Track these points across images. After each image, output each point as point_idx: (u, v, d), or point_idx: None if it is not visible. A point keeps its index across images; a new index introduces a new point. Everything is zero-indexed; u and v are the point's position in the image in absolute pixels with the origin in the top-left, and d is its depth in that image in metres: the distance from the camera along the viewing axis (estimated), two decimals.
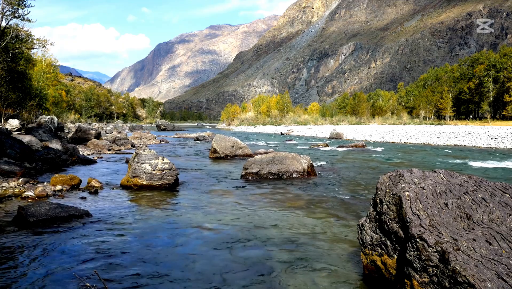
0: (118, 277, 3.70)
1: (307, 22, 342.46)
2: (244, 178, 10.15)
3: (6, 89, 20.40)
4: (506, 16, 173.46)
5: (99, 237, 4.94)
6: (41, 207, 5.70)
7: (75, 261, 4.10)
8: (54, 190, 7.74)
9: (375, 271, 3.55)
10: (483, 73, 62.80)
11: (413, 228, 2.91)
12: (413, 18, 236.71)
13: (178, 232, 5.28)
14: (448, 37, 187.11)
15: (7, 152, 10.23)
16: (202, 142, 28.82)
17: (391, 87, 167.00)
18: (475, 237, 2.73)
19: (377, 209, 3.59)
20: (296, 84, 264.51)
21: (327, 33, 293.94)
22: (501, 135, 24.37)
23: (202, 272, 3.86)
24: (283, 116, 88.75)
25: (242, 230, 5.37)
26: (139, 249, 4.51)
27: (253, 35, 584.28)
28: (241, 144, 16.23)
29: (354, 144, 22.80)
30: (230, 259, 4.23)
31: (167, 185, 8.64)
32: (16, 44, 20.46)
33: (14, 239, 4.79)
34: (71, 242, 4.74)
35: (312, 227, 5.56)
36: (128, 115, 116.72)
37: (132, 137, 29.03)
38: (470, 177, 3.52)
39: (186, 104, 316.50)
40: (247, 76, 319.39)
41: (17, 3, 18.76)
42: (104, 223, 5.62)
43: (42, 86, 33.05)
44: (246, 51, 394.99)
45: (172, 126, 66.48)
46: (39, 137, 14.80)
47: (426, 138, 27.96)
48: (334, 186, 9.20)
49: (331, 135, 36.23)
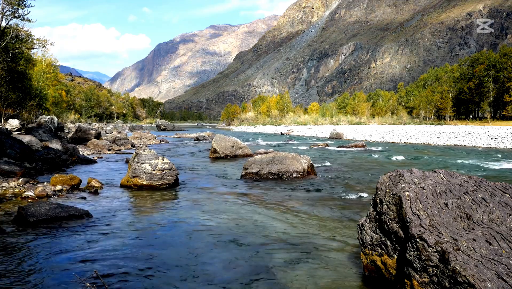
0: (118, 277, 3.70)
1: (307, 22, 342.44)
2: (244, 178, 10.15)
3: (6, 89, 20.40)
4: (506, 16, 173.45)
5: (99, 237, 4.94)
6: (41, 207, 5.70)
7: (75, 261, 4.10)
8: (54, 190, 7.74)
9: (375, 271, 3.55)
10: (483, 73, 62.77)
11: (413, 228, 2.91)
12: (413, 18, 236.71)
13: (178, 232, 5.28)
14: (448, 37, 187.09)
15: (7, 152, 10.23)
16: (202, 142, 28.82)
17: (391, 87, 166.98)
18: (475, 237, 2.73)
19: (377, 209, 3.59)
20: (296, 84, 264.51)
21: (327, 33, 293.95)
22: (501, 135, 24.37)
23: (202, 272, 3.86)
24: (283, 116, 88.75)
25: (242, 230, 5.37)
26: (139, 249, 4.51)
27: (253, 35, 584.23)
28: (241, 144, 16.23)
29: (354, 144, 22.80)
30: (230, 259, 4.23)
31: (167, 185, 8.64)
32: (16, 44, 20.45)
33: (14, 239, 4.79)
34: (71, 242, 4.74)
35: (312, 227, 5.56)
36: (128, 116, 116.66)
37: (132, 137, 29.02)
38: (470, 177, 3.52)
39: (186, 104, 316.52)
40: (247, 76, 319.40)
41: (17, 3, 18.76)
42: (104, 223, 5.62)
43: (42, 86, 33.04)
44: (246, 51, 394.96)
45: (172, 126, 66.46)
46: (39, 137, 14.80)
47: (426, 138, 27.96)
48: (334, 186, 9.20)
49: (331, 135, 36.23)
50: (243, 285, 3.59)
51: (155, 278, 3.72)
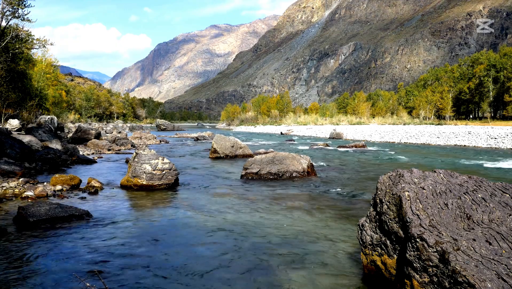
0: (118, 277, 3.70)
1: (307, 22, 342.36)
2: (244, 178, 10.15)
3: (6, 89, 20.38)
4: (506, 16, 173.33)
5: (99, 237, 4.94)
6: (41, 207, 5.70)
7: (75, 261, 4.10)
8: (54, 190, 7.74)
9: (375, 271, 3.55)
10: (483, 73, 62.77)
11: (413, 228, 2.91)
12: (413, 18, 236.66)
13: (178, 232, 5.28)
14: (448, 37, 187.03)
15: (7, 152, 10.23)
16: (202, 142, 28.82)
17: (391, 87, 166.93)
18: (475, 237, 2.73)
19: (377, 209, 3.59)
20: (296, 84, 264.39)
21: (327, 33, 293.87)
22: (501, 135, 24.36)
23: (202, 272, 3.86)
24: (283, 116, 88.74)
25: (242, 230, 5.37)
26: (139, 249, 4.51)
27: (253, 35, 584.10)
28: (241, 144, 16.23)
29: (354, 144, 22.80)
30: (230, 259, 4.23)
31: (167, 185, 8.64)
32: (16, 44, 20.43)
33: (14, 239, 4.79)
34: (71, 242, 4.74)
35: (312, 227, 5.56)
36: (128, 116, 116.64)
37: (132, 137, 29.02)
38: (470, 177, 3.52)
39: (186, 104, 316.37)
40: (247, 76, 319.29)
41: (17, 3, 18.74)
42: (104, 223, 5.62)
43: (42, 86, 33.00)
44: (246, 51, 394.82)
45: (172, 126, 66.49)
46: (39, 137, 14.80)
47: (426, 138, 27.95)
48: (334, 186, 9.20)
49: (331, 135, 36.24)
50: (243, 284, 3.59)
51: (155, 277, 3.72)
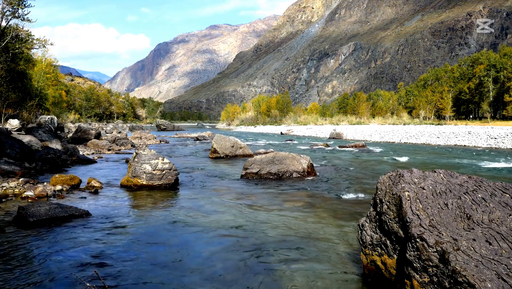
0: (118, 277, 3.70)
1: (307, 22, 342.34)
2: (244, 178, 10.15)
3: (6, 89, 20.38)
4: (506, 16, 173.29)
5: (99, 237, 4.94)
6: (41, 207, 5.70)
7: (75, 261, 4.10)
8: (54, 190, 7.74)
9: (375, 271, 3.55)
10: (483, 73, 62.76)
11: (413, 228, 2.91)
12: (413, 18, 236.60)
13: (178, 232, 5.28)
14: (448, 37, 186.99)
15: (7, 152, 10.23)
16: (202, 142, 28.83)
17: (391, 87, 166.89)
18: (475, 237, 2.73)
19: (377, 209, 3.59)
20: (296, 84, 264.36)
21: (327, 33, 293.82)
22: (501, 135, 24.36)
23: (202, 272, 3.86)
24: (283, 116, 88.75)
25: (242, 230, 5.37)
26: (139, 249, 4.51)
27: (253, 35, 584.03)
28: (241, 144, 16.23)
29: (354, 144, 22.80)
30: (230, 259, 4.23)
31: (167, 185, 8.64)
32: (16, 44, 20.43)
33: (14, 239, 4.79)
34: (71, 242, 4.74)
35: (312, 226, 5.56)
36: (128, 115, 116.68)
37: (132, 137, 29.03)
38: (470, 177, 3.52)
39: (186, 104, 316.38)
40: (247, 76, 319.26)
41: (17, 3, 18.74)
42: (104, 223, 5.62)
43: (42, 86, 33.00)
44: (246, 51, 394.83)
45: (172, 126, 66.50)
46: (39, 137, 14.80)
47: (426, 138, 27.95)
48: (334, 186, 9.20)
49: (331, 135, 36.24)
50: (243, 284, 3.59)
51: (155, 277, 3.72)
